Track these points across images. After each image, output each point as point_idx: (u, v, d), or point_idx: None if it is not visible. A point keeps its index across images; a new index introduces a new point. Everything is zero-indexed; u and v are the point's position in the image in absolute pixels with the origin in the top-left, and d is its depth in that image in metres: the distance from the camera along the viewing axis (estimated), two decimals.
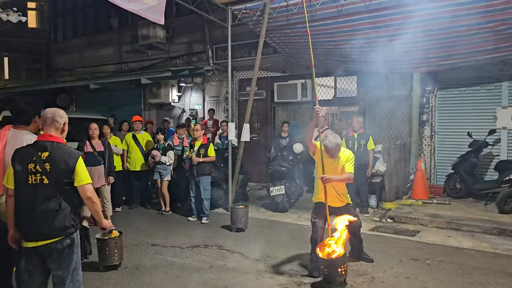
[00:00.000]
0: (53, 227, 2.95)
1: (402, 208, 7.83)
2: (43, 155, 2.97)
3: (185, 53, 12.66)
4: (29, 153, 3.01)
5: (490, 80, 8.52)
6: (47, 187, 2.95)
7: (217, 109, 12.13)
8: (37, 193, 2.95)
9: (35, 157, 2.97)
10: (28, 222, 2.97)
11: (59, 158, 2.98)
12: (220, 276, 4.81)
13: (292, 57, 9.78)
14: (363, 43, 7.41)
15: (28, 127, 3.64)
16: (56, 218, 2.95)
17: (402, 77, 9.41)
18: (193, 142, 7.52)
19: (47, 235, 2.95)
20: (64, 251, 3.01)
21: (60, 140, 3.11)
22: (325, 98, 10.63)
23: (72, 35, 16.35)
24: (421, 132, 9.23)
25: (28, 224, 2.98)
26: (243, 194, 9.14)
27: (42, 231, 2.94)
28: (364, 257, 5.24)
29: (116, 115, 13.84)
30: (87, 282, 4.66)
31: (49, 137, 3.06)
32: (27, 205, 2.98)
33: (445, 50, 7.55)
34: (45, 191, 2.95)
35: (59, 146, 3.05)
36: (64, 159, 2.98)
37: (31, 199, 2.95)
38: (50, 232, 2.95)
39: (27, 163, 2.97)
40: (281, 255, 5.50)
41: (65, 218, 2.99)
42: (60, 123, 3.14)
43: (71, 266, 3.06)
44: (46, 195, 2.95)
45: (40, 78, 16.97)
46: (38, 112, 3.68)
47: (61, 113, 3.18)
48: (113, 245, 5.00)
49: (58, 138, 3.09)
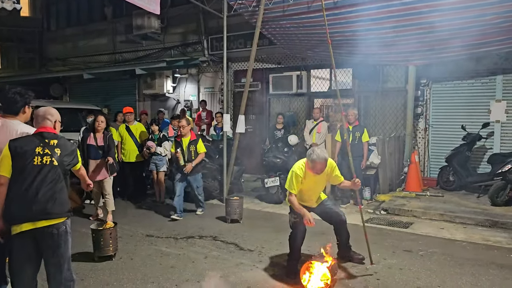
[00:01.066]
0: (55, 207, 3.07)
1: (395, 200, 7.89)
2: (52, 142, 3.18)
3: (180, 43, 12.57)
4: (33, 140, 3.16)
5: (484, 73, 8.56)
6: (53, 169, 3.12)
7: (212, 100, 12.10)
8: (42, 174, 3.07)
9: (42, 143, 3.14)
10: (29, 202, 3.02)
11: (66, 147, 3.26)
12: (214, 267, 4.83)
13: (288, 48, 9.74)
14: (359, 35, 7.40)
15: (17, 117, 3.60)
16: (59, 198, 3.11)
17: (397, 70, 9.43)
18: (179, 139, 6.92)
19: (48, 214, 3.04)
20: (60, 237, 3.07)
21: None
22: (320, 90, 10.63)
23: (65, 24, 16.17)
24: (416, 124, 9.28)
25: (29, 204, 3.01)
26: (238, 185, 9.16)
27: (44, 210, 3.02)
28: (353, 257, 4.90)
29: (110, 106, 13.76)
30: (82, 272, 4.67)
31: (51, 129, 3.27)
32: (29, 186, 3.03)
33: (440, 43, 7.56)
34: (52, 173, 3.11)
35: (62, 137, 3.32)
36: (69, 148, 3.29)
37: (34, 180, 3.05)
38: (52, 211, 3.05)
39: (34, 146, 3.11)
40: (276, 246, 5.53)
41: (65, 200, 3.18)
42: (51, 121, 3.32)
43: (67, 254, 3.12)
44: (52, 177, 3.11)
45: (33, 68, 16.79)
46: (27, 102, 3.65)
47: (52, 112, 3.37)
48: (107, 235, 5.01)
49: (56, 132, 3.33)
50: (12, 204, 3.05)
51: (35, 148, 3.10)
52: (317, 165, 4.34)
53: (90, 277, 4.58)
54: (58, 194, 3.11)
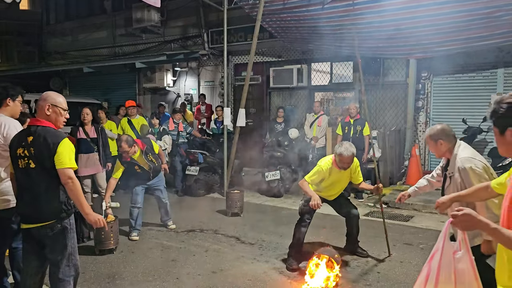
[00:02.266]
0: (42, 211, 2.94)
1: (396, 193, 7.89)
2: (28, 139, 2.94)
3: (180, 37, 12.51)
4: (20, 138, 3.02)
5: (485, 66, 8.52)
6: (34, 171, 2.93)
7: (212, 94, 12.08)
8: (28, 177, 2.96)
9: (23, 142, 2.96)
10: (21, 205, 3.04)
11: (43, 141, 2.90)
12: (215, 260, 4.84)
13: (288, 42, 9.70)
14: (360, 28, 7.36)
15: (1, 110, 3.62)
16: (45, 203, 2.94)
17: (398, 63, 9.40)
18: (128, 159, 5.53)
19: (36, 219, 2.96)
20: (55, 236, 2.99)
21: (49, 124, 3.00)
22: (321, 84, 10.60)
23: (64, 18, 16.08)
24: (416, 118, 9.26)
25: (21, 206, 3.04)
26: (238, 179, 9.16)
27: (32, 215, 2.96)
28: (358, 251, 4.97)
29: (110, 100, 13.73)
30: (83, 265, 4.67)
31: (35, 121, 3.01)
32: (21, 188, 3.04)
33: (441, 37, 7.51)
34: (34, 175, 2.94)
35: (45, 129, 2.96)
36: (47, 142, 2.90)
37: (23, 183, 3.00)
38: (39, 216, 2.95)
39: (15, 148, 2.99)
40: (276, 240, 5.55)
41: (53, 203, 2.95)
42: (43, 106, 3.08)
43: (66, 250, 3.04)
44: (36, 179, 2.94)
45: (33, 61, 16.74)
46: (10, 94, 3.66)
47: (43, 96, 3.22)
48: (108, 229, 5.01)
49: (46, 123, 2.99)
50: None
51: (16, 150, 2.97)
52: (344, 159, 4.34)
53: (92, 270, 4.59)
54: (44, 197, 2.93)
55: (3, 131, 3.48)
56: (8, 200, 3.55)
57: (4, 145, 3.48)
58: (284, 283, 4.24)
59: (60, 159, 2.90)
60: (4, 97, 3.63)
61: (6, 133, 3.48)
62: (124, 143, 5.34)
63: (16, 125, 3.56)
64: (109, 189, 5.46)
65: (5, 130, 3.48)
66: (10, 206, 3.55)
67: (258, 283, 4.22)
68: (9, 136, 3.45)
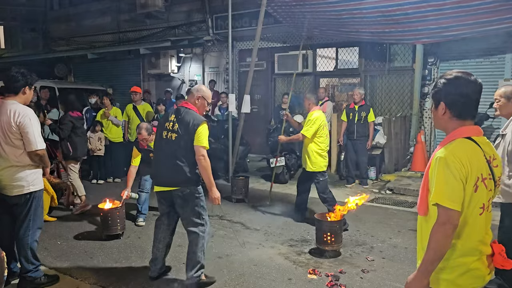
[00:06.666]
0: (175, 176, 3.71)
1: (401, 180, 7.90)
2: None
3: (184, 22, 12.41)
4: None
5: (493, 52, 8.41)
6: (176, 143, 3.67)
7: (217, 80, 12.02)
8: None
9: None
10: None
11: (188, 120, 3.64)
12: (221, 246, 4.89)
13: (293, 27, 9.61)
14: (366, 13, 7.27)
15: (16, 97, 3.59)
16: (177, 170, 3.66)
17: (404, 49, 9.30)
18: (146, 146, 5.41)
19: (170, 183, 3.79)
20: (184, 198, 3.69)
21: (193, 107, 3.77)
22: (326, 70, 10.52)
23: (68, 3, 15.99)
24: (422, 104, 9.18)
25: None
26: (243, 165, 9.18)
27: (168, 179, 3.78)
28: None
29: (115, 86, 13.72)
30: (91, 251, 4.75)
31: (185, 104, 3.81)
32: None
33: (448, 21, 7.41)
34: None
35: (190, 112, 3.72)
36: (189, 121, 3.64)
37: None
38: (173, 179, 3.75)
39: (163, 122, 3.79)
40: (281, 226, 5.58)
41: (183, 171, 3.67)
42: (194, 94, 3.81)
43: (192, 210, 3.72)
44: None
45: (37, 48, 16.70)
46: (28, 82, 3.62)
47: (200, 87, 3.88)
48: (115, 215, 5.06)
49: (191, 106, 3.78)
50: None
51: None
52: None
53: (99, 255, 4.65)
54: (176, 166, 3.61)
55: (16, 119, 3.47)
56: (22, 186, 3.58)
57: (16, 133, 3.49)
58: (289, 268, 4.28)
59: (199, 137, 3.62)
60: (23, 85, 3.60)
61: (19, 122, 3.47)
62: (144, 131, 5.29)
63: (29, 113, 3.55)
64: (130, 178, 5.37)
65: (18, 119, 3.48)
66: (24, 192, 3.59)
67: (264, 268, 4.26)
68: (22, 124, 3.46)
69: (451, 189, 1.80)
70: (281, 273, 4.15)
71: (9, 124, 3.47)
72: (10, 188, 3.57)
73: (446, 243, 1.81)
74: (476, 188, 1.84)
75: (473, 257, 1.89)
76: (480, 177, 1.86)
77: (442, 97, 1.96)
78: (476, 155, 1.88)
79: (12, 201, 3.62)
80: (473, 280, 1.91)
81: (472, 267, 1.89)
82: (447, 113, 1.95)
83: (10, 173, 3.54)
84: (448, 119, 1.95)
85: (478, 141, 1.92)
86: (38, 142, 3.55)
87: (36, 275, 3.79)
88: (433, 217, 1.88)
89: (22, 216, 3.66)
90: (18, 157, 3.54)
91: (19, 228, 3.68)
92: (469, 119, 1.95)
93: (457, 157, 1.82)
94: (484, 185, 1.87)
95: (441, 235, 1.81)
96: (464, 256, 1.88)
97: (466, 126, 1.93)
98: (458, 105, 1.93)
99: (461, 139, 1.89)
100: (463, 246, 1.88)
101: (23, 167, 3.57)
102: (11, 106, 3.51)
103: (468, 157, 1.84)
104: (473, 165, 1.83)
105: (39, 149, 3.56)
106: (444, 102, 1.94)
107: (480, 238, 1.91)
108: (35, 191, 3.67)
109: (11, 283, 3.80)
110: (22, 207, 3.64)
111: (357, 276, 4.07)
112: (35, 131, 3.54)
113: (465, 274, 1.89)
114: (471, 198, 1.84)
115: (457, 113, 1.93)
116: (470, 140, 1.90)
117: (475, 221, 1.88)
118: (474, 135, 1.92)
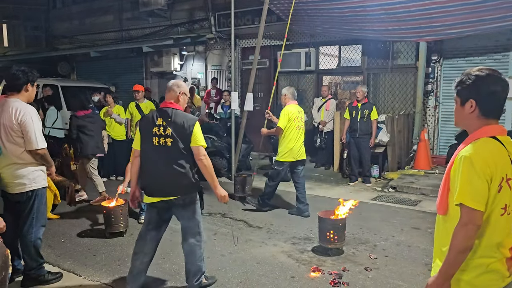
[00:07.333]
0: (173, 187, 3.49)
1: (404, 178, 7.88)
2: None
3: (186, 20, 12.41)
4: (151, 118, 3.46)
5: (497, 49, 8.37)
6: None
7: (219, 78, 12.02)
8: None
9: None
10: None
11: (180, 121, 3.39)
12: (224, 243, 4.89)
13: (296, 25, 9.59)
14: (369, 10, 7.25)
15: (19, 95, 3.60)
16: (177, 180, 3.46)
17: (408, 46, 9.27)
18: None
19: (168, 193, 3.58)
20: (184, 207, 3.55)
21: (178, 106, 3.50)
22: (329, 67, 10.50)
23: (71, 2, 16.01)
24: (426, 102, 9.16)
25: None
26: (246, 163, 9.18)
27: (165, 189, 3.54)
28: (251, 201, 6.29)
29: (118, 84, 13.74)
30: (94, 248, 4.76)
31: (169, 104, 3.47)
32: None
33: (452, 19, 7.39)
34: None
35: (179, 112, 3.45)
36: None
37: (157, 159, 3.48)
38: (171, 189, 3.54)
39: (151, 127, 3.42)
40: (284, 224, 5.58)
41: (180, 181, 3.46)
42: (176, 91, 3.51)
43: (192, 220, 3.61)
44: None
45: (40, 46, 16.75)
46: (30, 80, 3.63)
47: (179, 83, 3.59)
48: (118, 212, 5.07)
49: (176, 105, 3.48)
50: None
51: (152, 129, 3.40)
52: None
53: (102, 252, 4.67)
54: (177, 173, 3.40)
55: (18, 117, 3.48)
56: (24, 184, 3.59)
57: (18, 131, 3.49)
58: (292, 266, 4.28)
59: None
60: (25, 82, 3.60)
61: (20, 120, 3.48)
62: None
63: (31, 111, 3.56)
64: (128, 173, 5.38)
65: (20, 117, 3.48)
66: (26, 190, 3.60)
67: (266, 266, 4.27)
68: (23, 123, 3.47)
69: (475, 189, 1.77)
70: (284, 271, 4.15)
71: (11, 122, 3.48)
72: (12, 185, 3.58)
73: (469, 244, 1.78)
74: (500, 188, 1.80)
75: (493, 258, 1.85)
76: (505, 178, 1.82)
77: (471, 94, 1.88)
78: (501, 154, 1.83)
79: (14, 198, 3.63)
80: (491, 282, 1.86)
81: (491, 268, 1.85)
82: (475, 111, 1.88)
83: (12, 171, 3.55)
84: (475, 117, 1.89)
85: (503, 140, 1.87)
86: (39, 141, 3.55)
87: (40, 272, 3.81)
88: (453, 217, 1.86)
89: (25, 214, 3.67)
90: (19, 155, 3.55)
91: (23, 225, 3.69)
92: (495, 118, 1.90)
93: (482, 157, 1.78)
94: (508, 186, 1.82)
95: (464, 235, 1.78)
96: (483, 257, 1.84)
97: (491, 125, 1.88)
98: (487, 103, 1.87)
99: (486, 138, 1.85)
100: (483, 247, 1.84)
101: (25, 164, 3.57)
102: (13, 104, 3.52)
103: (493, 156, 1.80)
104: (498, 165, 1.80)
105: (40, 148, 3.57)
106: (474, 99, 1.87)
107: (500, 239, 1.86)
108: (38, 189, 3.68)
109: (15, 280, 3.81)
110: (25, 204, 3.65)
111: (360, 274, 4.06)
112: (36, 130, 3.54)
113: (483, 275, 1.85)
114: (494, 199, 1.80)
115: (485, 111, 1.88)
116: (495, 139, 1.85)
117: (496, 222, 1.83)
118: (498, 134, 1.88)
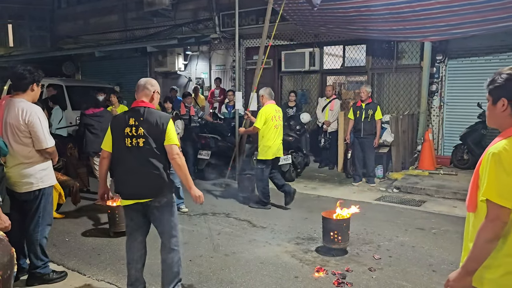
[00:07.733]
0: (146, 188, 3.36)
1: (408, 178, 7.86)
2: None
3: (191, 20, 12.43)
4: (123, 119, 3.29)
5: (502, 49, 8.34)
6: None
7: (223, 78, 12.03)
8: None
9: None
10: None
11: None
12: (228, 243, 4.90)
13: (300, 25, 9.58)
14: (373, 10, 7.23)
15: (25, 95, 3.61)
16: (150, 180, 3.32)
17: (412, 46, 9.25)
18: None
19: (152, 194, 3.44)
20: (159, 210, 3.41)
21: (151, 105, 3.31)
22: (333, 67, 10.48)
23: (76, 2, 16.08)
24: (430, 102, 9.13)
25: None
26: (249, 163, 9.17)
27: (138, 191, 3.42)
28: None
29: (122, 84, 13.78)
30: (99, 247, 4.78)
31: (141, 103, 3.28)
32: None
33: (457, 19, 7.36)
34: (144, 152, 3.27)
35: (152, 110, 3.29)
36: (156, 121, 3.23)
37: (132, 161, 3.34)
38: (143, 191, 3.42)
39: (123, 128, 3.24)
40: (288, 224, 5.58)
41: (155, 181, 3.32)
42: (150, 90, 3.32)
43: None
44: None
45: (45, 46, 16.82)
46: (35, 79, 3.65)
47: (152, 82, 3.39)
48: (122, 212, 5.07)
49: (148, 103, 3.30)
50: None
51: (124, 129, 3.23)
52: None
53: (107, 252, 4.68)
54: (151, 174, 3.26)
55: (25, 118, 3.50)
56: (31, 183, 3.61)
57: (25, 131, 3.52)
58: (296, 266, 4.28)
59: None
60: (31, 82, 3.62)
61: (27, 120, 3.50)
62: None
63: (37, 111, 3.58)
64: None
65: (27, 117, 3.50)
66: (33, 189, 3.62)
67: (270, 266, 4.27)
68: (31, 123, 3.49)
69: (502, 185, 1.77)
70: (288, 271, 4.15)
71: (17, 122, 3.49)
72: (19, 185, 3.60)
73: (494, 240, 1.78)
74: None
75: None
76: None
77: (503, 93, 1.91)
78: None
79: (21, 197, 3.65)
80: None
81: None
82: (507, 110, 1.90)
83: (19, 170, 3.57)
84: (507, 116, 1.91)
85: None
86: (48, 139, 3.59)
87: (45, 271, 3.83)
88: (482, 214, 1.85)
89: (32, 213, 3.69)
90: (26, 154, 3.57)
91: (29, 224, 3.71)
92: None
93: (511, 153, 1.79)
94: None
95: (489, 231, 1.77)
96: (509, 255, 1.83)
97: None
98: None
99: None
100: (510, 245, 1.83)
101: (32, 164, 3.60)
102: (19, 104, 3.54)
103: None
104: None
105: (49, 147, 3.61)
106: (505, 98, 1.90)
107: None
108: (45, 188, 3.70)
109: (20, 279, 3.83)
110: (32, 203, 3.67)
111: (364, 275, 4.05)
112: (44, 129, 3.58)
113: (508, 274, 1.83)
114: None
115: None
116: None
117: None
118: None
